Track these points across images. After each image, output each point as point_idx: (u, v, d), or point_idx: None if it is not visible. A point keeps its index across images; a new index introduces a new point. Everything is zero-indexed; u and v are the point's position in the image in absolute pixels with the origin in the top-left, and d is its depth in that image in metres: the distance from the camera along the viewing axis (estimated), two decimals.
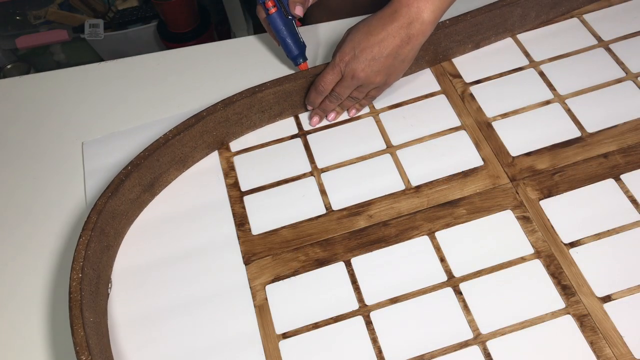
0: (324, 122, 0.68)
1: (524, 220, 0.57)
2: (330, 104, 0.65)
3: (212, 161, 0.66)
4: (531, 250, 0.56)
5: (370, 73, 0.61)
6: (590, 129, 0.63)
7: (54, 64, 1.59)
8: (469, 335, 0.52)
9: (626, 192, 0.58)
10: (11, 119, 0.74)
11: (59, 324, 0.57)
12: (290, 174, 0.64)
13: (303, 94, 0.67)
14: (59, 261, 0.61)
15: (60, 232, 0.63)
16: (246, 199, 0.63)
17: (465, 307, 0.53)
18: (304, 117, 0.69)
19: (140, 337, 0.55)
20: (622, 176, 0.59)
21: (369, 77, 0.61)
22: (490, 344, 0.51)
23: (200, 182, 0.65)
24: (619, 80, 0.66)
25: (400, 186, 0.62)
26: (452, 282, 0.55)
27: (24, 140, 0.72)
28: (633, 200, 0.57)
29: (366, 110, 0.68)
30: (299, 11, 0.65)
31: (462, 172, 0.62)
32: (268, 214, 0.61)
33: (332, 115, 0.67)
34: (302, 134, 0.67)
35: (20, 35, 1.53)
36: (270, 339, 0.53)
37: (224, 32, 1.70)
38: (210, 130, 0.64)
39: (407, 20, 0.58)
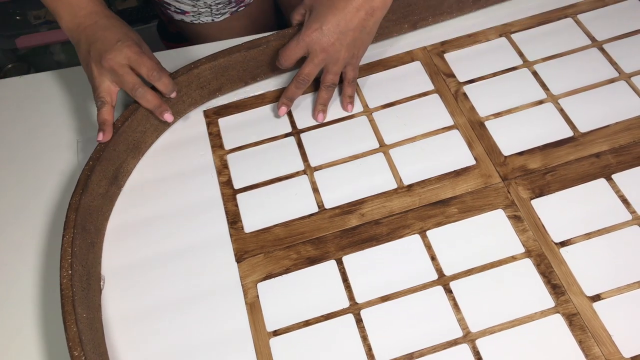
0: (317, 122, 0.68)
1: (515, 219, 0.58)
2: (296, 90, 0.66)
3: (206, 159, 0.67)
4: (522, 250, 0.56)
5: (339, 47, 0.62)
6: (583, 128, 0.63)
7: (54, 64, 1.59)
8: (459, 333, 0.52)
9: (617, 191, 0.58)
10: (11, 119, 0.74)
11: (52, 322, 0.57)
12: (283, 172, 0.64)
13: (240, 68, 0.69)
14: (55, 260, 0.61)
15: (57, 230, 0.63)
16: (239, 196, 0.63)
17: (455, 306, 0.53)
18: (298, 115, 0.69)
19: (132, 334, 0.55)
20: (613, 176, 0.59)
21: (338, 51, 0.62)
22: (480, 343, 0.51)
23: (193, 179, 0.65)
24: (612, 80, 0.66)
25: (393, 185, 0.62)
26: (443, 280, 0.55)
27: (23, 140, 0.72)
28: (624, 200, 0.58)
29: (359, 109, 0.69)
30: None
31: (454, 171, 0.62)
32: (261, 212, 0.62)
33: (320, 117, 0.67)
34: (295, 133, 0.68)
35: (20, 35, 1.53)
36: (261, 337, 0.54)
37: None
38: None
39: None
